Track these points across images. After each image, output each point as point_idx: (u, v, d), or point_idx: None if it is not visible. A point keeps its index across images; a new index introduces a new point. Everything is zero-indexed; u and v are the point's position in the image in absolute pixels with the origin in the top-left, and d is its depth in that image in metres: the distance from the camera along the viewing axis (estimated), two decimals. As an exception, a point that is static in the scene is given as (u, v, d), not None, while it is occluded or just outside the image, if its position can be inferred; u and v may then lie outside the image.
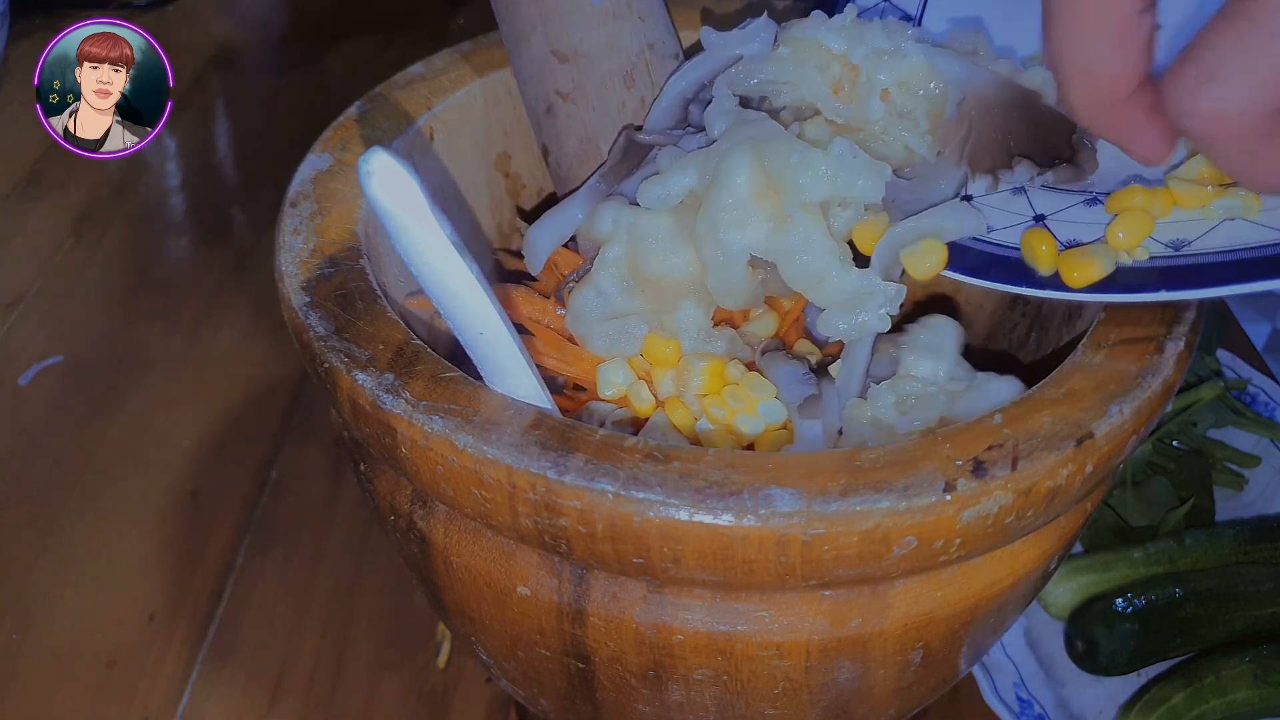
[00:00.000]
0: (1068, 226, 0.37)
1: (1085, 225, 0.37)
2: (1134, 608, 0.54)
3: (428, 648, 0.56)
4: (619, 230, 0.41)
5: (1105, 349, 0.36)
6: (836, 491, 0.31)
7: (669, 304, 0.41)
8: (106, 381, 0.70)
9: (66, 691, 0.54)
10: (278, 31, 1.11)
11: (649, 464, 0.31)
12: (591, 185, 0.43)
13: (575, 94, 0.45)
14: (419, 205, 0.30)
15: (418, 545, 0.38)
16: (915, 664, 0.37)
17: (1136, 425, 0.34)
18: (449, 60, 0.49)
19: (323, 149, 0.44)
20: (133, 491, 0.63)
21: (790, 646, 0.35)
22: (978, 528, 0.32)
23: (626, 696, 0.38)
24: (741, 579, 0.32)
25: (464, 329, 0.34)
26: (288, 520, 0.62)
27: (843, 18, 0.42)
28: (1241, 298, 1.07)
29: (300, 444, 0.66)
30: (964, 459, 0.32)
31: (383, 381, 0.34)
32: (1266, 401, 0.66)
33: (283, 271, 0.38)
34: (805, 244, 0.38)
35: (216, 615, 0.57)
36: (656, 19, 0.47)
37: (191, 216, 0.86)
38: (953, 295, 0.49)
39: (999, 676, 0.53)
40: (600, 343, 0.42)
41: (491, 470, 0.32)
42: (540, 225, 0.43)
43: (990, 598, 0.36)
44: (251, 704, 0.53)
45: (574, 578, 0.35)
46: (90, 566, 0.59)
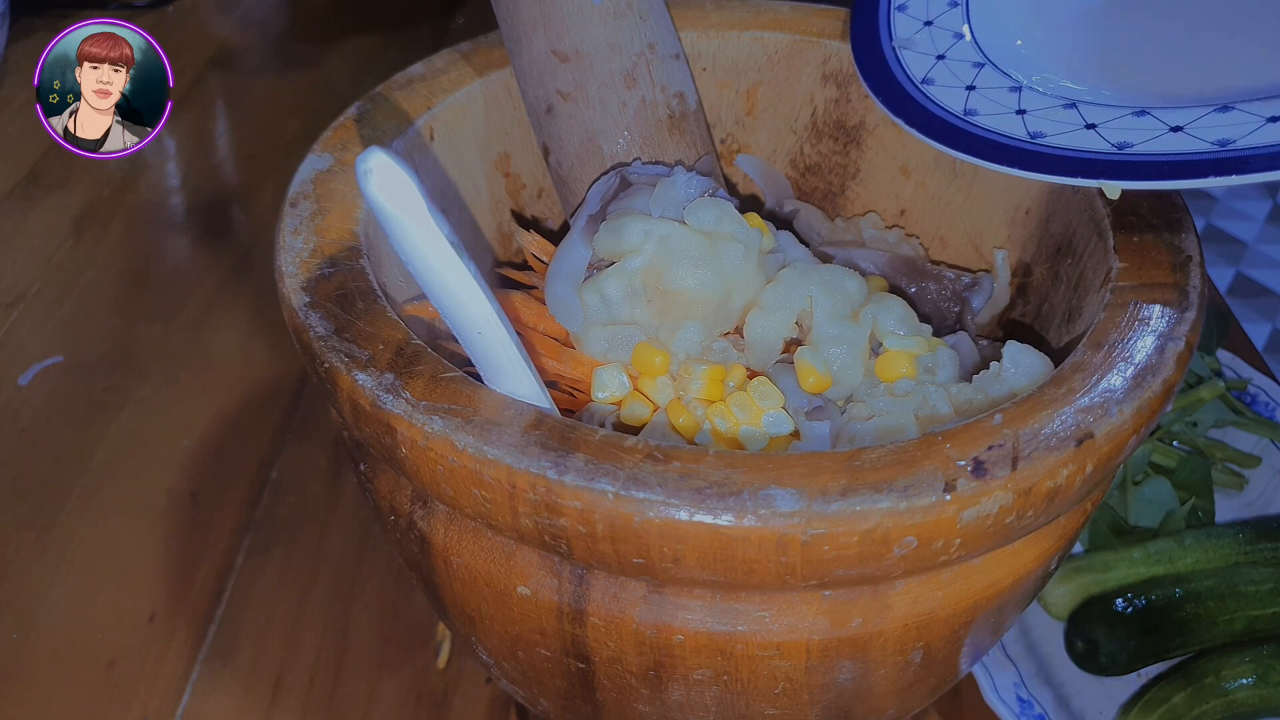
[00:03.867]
0: (1117, 131, 0.39)
1: (1135, 130, 0.39)
2: (1134, 608, 0.54)
3: (428, 648, 0.56)
4: (649, 241, 0.41)
5: (1105, 349, 0.36)
6: (836, 491, 0.31)
7: (675, 321, 0.41)
8: (106, 381, 0.70)
9: (66, 691, 0.54)
10: (278, 31, 1.11)
11: (649, 464, 0.31)
12: (586, 226, 0.43)
13: (576, 94, 0.45)
14: (416, 205, 0.30)
15: (418, 545, 0.38)
16: (915, 664, 0.37)
17: (1136, 425, 0.34)
18: (449, 60, 0.49)
19: (323, 149, 0.44)
20: (133, 491, 0.63)
21: (790, 646, 0.35)
22: (978, 528, 0.32)
23: (627, 696, 0.38)
24: (741, 579, 0.32)
25: (462, 328, 0.34)
26: (288, 520, 0.62)
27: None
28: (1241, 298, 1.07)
29: (300, 444, 0.66)
30: (964, 459, 0.32)
31: (383, 381, 0.34)
32: (1266, 401, 0.66)
33: (283, 271, 0.38)
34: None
35: (216, 615, 0.57)
36: (657, 19, 0.47)
37: (191, 216, 0.86)
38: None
39: (999, 676, 0.53)
40: (597, 346, 0.42)
41: (491, 470, 0.32)
42: (556, 277, 0.43)
43: (990, 598, 0.36)
44: (251, 704, 0.53)
45: (574, 578, 0.35)
46: (90, 566, 0.59)
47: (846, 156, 0.52)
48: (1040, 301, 0.46)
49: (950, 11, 0.47)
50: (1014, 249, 0.48)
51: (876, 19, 0.48)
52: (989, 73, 0.44)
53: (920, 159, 0.50)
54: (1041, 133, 0.40)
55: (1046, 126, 0.40)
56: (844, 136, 0.52)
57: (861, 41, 0.48)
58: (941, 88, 0.44)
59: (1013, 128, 0.41)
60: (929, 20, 0.47)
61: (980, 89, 0.43)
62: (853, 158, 0.52)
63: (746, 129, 0.54)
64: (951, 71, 0.44)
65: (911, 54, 0.46)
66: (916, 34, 0.47)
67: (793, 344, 0.42)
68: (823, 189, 0.53)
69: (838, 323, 0.41)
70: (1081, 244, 0.43)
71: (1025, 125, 0.40)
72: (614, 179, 0.44)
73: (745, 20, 0.52)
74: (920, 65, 0.45)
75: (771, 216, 0.52)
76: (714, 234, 0.41)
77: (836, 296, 0.42)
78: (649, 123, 0.46)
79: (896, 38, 0.47)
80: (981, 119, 0.41)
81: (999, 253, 0.48)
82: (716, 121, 0.53)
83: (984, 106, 0.42)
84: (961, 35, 0.46)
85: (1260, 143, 0.36)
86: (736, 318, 0.42)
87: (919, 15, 0.47)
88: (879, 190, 0.52)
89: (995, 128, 0.41)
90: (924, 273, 0.48)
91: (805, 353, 0.40)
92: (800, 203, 0.53)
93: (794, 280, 0.42)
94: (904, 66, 0.46)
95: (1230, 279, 1.70)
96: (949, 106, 0.43)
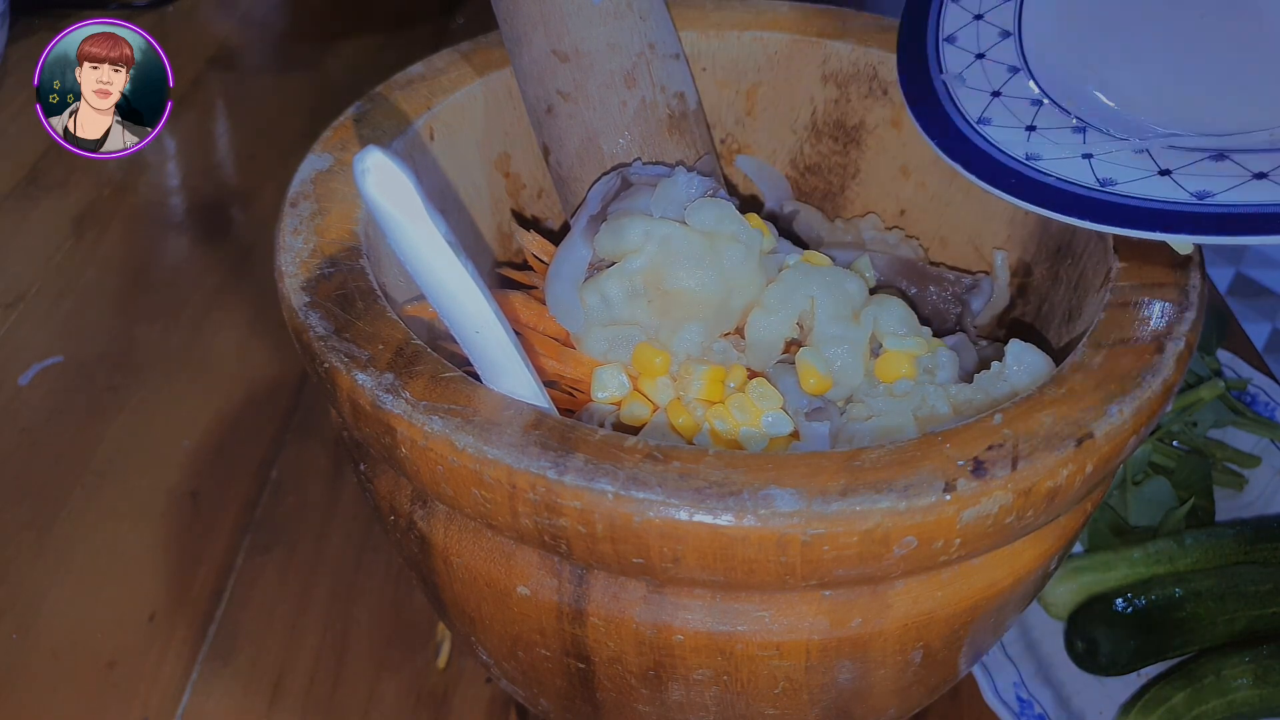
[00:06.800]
0: (1109, 166, 0.37)
1: (1216, 178, 0.36)
2: (1134, 608, 0.54)
3: (428, 648, 0.56)
4: (649, 241, 0.41)
5: (1105, 349, 0.36)
6: (836, 491, 0.31)
7: (675, 321, 0.41)
8: (106, 381, 0.70)
9: (66, 691, 0.54)
10: (278, 31, 1.11)
11: (649, 464, 0.31)
12: (587, 226, 0.43)
13: (576, 93, 0.45)
14: (414, 204, 0.30)
15: (418, 545, 0.38)
16: (915, 664, 0.37)
17: (1136, 425, 0.34)
18: (449, 60, 0.49)
19: (323, 149, 0.44)
20: (133, 491, 0.63)
21: (790, 646, 0.35)
22: (978, 528, 0.32)
23: (626, 696, 0.38)
24: (741, 579, 0.32)
25: (460, 328, 0.34)
26: (288, 520, 0.62)
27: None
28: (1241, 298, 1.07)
29: (300, 444, 0.66)
30: (964, 459, 0.32)
31: (383, 381, 0.34)
32: (1266, 401, 0.66)
33: (283, 271, 0.38)
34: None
35: (216, 615, 0.57)
36: (657, 18, 0.47)
37: (191, 216, 0.86)
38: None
39: (999, 676, 0.53)
40: (597, 346, 0.42)
41: (491, 470, 0.32)
42: (556, 277, 0.43)
43: (990, 598, 0.36)
44: (251, 704, 0.53)
45: (574, 578, 0.35)
46: (90, 566, 0.59)
47: (846, 156, 0.52)
48: (1040, 301, 0.46)
49: (1003, 43, 0.44)
50: (1014, 249, 0.48)
51: (925, 50, 0.45)
52: (1049, 111, 0.41)
53: (920, 159, 0.50)
54: (1112, 179, 0.37)
55: (1117, 173, 0.37)
56: (844, 136, 0.52)
57: (910, 73, 0.45)
58: (1000, 128, 0.41)
59: (1080, 174, 0.38)
60: (981, 53, 0.44)
61: (1041, 129, 0.40)
62: (853, 158, 0.52)
63: (746, 129, 0.54)
64: (1009, 110, 0.42)
65: (965, 90, 0.43)
66: (968, 68, 0.44)
67: (793, 344, 0.42)
68: (823, 189, 0.53)
69: (839, 323, 0.41)
70: (1081, 244, 0.43)
71: (1094, 171, 0.38)
72: (614, 179, 0.44)
73: (745, 20, 0.52)
74: (975, 103, 0.42)
75: (771, 217, 0.52)
76: (715, 234, 0.41)
77: (838, 297, 0.41)
78: (649, 123, 0.46)
79: (947, 71, 0.44)
80: (1045, 164, 0.39)
81: (998, 253, 0.48)
82: (716, 121, 0.53)
83: (1047, 150, 0.39)
84: (1017, 69, 0.43)
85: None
86: (737, 318, 0.42)
87: (969, 47, 0.44)
88: (879, 190, 0.52)
89: (1062, 174, 0.38)
90: (924, 275, 0.48)
91: (807, 353, 0.40)
92: (800, 204, 0.53)
93: (795, 280, 0.42)
94: (958, 104, 0.42)
95: (1230, 279, 1.70)
96: (1009, 150, 0.40)
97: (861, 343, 0.41)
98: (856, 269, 0.47)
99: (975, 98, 0.43)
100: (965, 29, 0.45)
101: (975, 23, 0.45)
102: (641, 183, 0.44)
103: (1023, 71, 0.43)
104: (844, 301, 0.42)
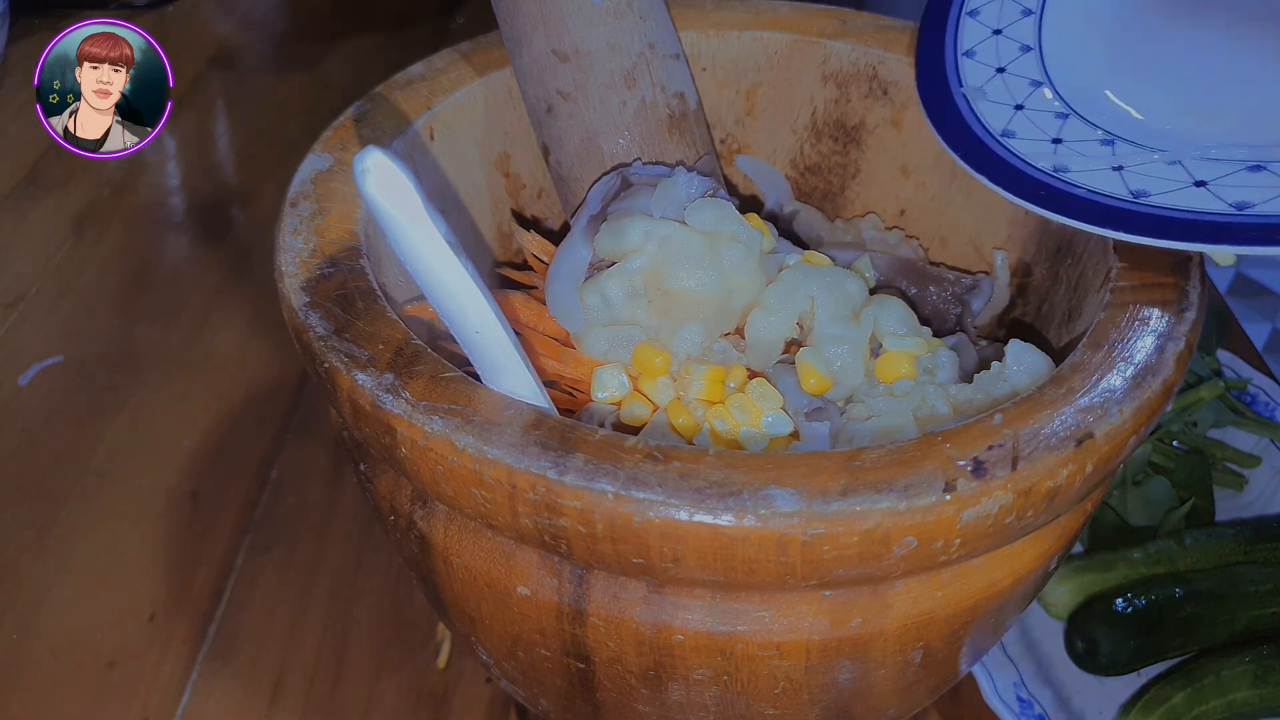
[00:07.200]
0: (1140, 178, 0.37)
1: (1253, 188, 0.36)
2: (1134, 608, 0.54)
3: (428, 648, 0.56)
4: (649, 241, 0.41)
5: (1105, 349, 0.36)
6: (836, 491, 0.31)
7: (676, 321, 0.41)
8: (106, 381, 0.70)
9: (66, 691, 0.54)
10: (278, 31, 1.11)
11: (649, 464, 0.31)
12: (587, 226, 0.43)
13: (576, 93, 0.45)
14: (413, 203, 0.30)
15: (418, 545, 0.38)
16: (915, 664, 0.37)
17: (1136, 425, 0.34)
18: (449, 60, 0.49)
19: (323, 149, 0.44)
20: (133, 491, 0.63)
21: (790, 646, 0.35)
22: (978, 528, 0.32)
23: (627, 696, 0.38)
24: (741, 579, 0.32)
25: (460, 328, 0.34)
26: (288, 520, 0.62)
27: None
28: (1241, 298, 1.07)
29: (300, 444, 0.66)
30: (964, 459, 0.32)
31: (383, 381, 0.34)
32: (1266, 401, 0.66)
33: (283, 271, 0.38)
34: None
35: (216, 615, 0.57)
36: (657, 19, 0.47)
37: (191, 216, 0.86)
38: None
39: (999, 676, 0.53)
40: (597, 346, 0.42)
41: (491, 470, 0.32)
42: (556, 277, 0.43)
43: (990, 598, 0.36)
44: (251, 704, 0.53)
45: (574, 578, 0.35)
46: (90, 566, 0.59)
47: (846, 156, 0.52)
48: (1040, 302, 0.46)
49: (1023, 57, 0.43)
50: (1014, 249, 0.48)
51: (943, 65, 0.45)
52: (1075, 124, 0.40)
53: (920, 159, 0.50)
54: (1145, 191, 0.37)
55: (1150, 184, 0.37)
56: (844, 137, 0.52)
57: (928, 86, 0.45)
58: (1025, 141, 0.40)
59: (1112, 185, 0.37)
60: (1001, 67, 0.43)
61: (1068, 142, 0.40)
62: (853, 158, 0.52)
63: (746, 129, 0.54)
64: (1033, 123, 0.41)
65: (987, 104, 0.42)
66: (989, 82, 0.43)
67: (793, 344, 0.42)
68: (823, 189, 0.53)
69: (839, 323, 0.41)
70: (1081, 244, 0.43)
71: (1125, 183, 0.38)
72: (614, 179, 0.44)
73: (745, 20, 0.52)
74: (998, 116, 0.42)
75: (771, 217, 0.52)
76: (715, 234, 0.41)
77: (838, 297, 0.41)
78: (649, 123, 0.46)
79: (967, 85, 0.44)
80: (1074, 175, 0.38)
81: (998, 253, 0.48)
82: (716, 121, 0.53)
83: (1075, 163, 0.39)
84: (1039, 82, 0.42)
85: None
86: (737, 318, 0.42)
87: (989, 61, 0.44)
88: (879, 190, 0.52)
89: (1092, 186, 0.38)
90: (924, 275, 0.48)
91: (807, 353, 0.40)
92: (800, 204, 0.53)
93: (796, 280, 0.42)
94: (979, 117, 0.42)
95: (1230, 279, 1.70)
96: (1036, 163, 0.39)
97: (861, 343, 0.41)
98: (856, 269, 0.47)
99: (998, 111, 0.42)
100: (984, 44, 0.45)
101: (994, 38, 0.45)
102: (641, 183, 0.44)
103: (1045, 85, 0.42)
104: (844, 301, 0.42)
